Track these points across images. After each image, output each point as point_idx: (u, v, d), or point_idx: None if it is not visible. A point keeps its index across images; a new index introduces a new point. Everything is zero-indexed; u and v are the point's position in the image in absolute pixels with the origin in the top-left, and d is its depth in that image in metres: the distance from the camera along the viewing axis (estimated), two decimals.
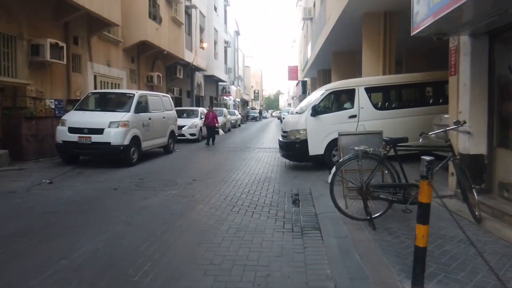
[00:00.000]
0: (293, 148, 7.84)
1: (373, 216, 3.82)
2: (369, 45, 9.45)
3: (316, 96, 8.09)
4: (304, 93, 33.57)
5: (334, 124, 7.64)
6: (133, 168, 8.44)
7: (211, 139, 14.23)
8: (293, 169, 8.23)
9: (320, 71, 21.38)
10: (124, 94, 10.06)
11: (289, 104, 66.36)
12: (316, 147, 7.65)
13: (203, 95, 28.50)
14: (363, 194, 3.83)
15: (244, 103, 52.05)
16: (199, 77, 26.91)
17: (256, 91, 68.75)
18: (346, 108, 7.77)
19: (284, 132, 8.30)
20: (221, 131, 14.83)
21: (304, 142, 7.66)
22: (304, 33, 28.34)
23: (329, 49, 15.15)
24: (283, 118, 32.45)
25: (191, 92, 25.22)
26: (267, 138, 17.84)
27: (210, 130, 14.25)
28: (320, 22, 15.40)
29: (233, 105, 37.88)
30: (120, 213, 4.79)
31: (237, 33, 42.80)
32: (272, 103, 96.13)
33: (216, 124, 14.36)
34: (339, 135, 4.99)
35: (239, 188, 6.32)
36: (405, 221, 3.99)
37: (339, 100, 7.99)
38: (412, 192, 3.69)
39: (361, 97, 7.61)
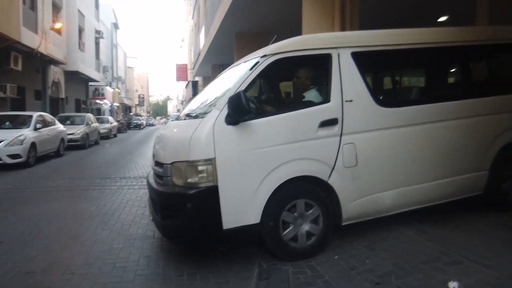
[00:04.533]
0: (180, 211, 2.70)
1: None
2: None
3: (239, 73, 3.10)
4: (195, 95, 28.44)
5: (285, 143, 2.83)
6: None
7: None
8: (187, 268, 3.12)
9: (216, 66, 16.45)
10: None
11: (178, 110, 58.89)
12: (241, 207, 2.71)
13: (63, 97, 20.43)
14: None
15: (127, 108, 43.41)
16: (56, 73, 18.92)
17: (142, 96, 59.53)
18: (311, 103, 3.03)
19: (158, 165, 3.15)
20: None
21: (209, 196, 2.64)
22: (195, 21, 23.24)
23: (230, 30, 10.47)
24: None
25: (42, 92, 17.41)
26: (146, 156, 11.50)
27: None
28: None
29: (110, 110, 29.99)
30: None
31: (116, 26, 34.79)
32: (160, 110, 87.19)
33: None
34: None
35: None
36: None
37: (296, 83, 3.31)
38: None
39: (346, 76, 2.98)
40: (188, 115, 3.26)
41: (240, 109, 2.59)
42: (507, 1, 5.13)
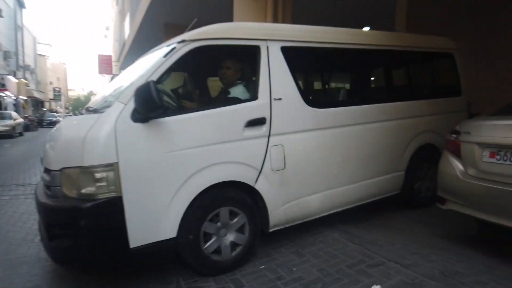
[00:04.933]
0: (72, 230, 2.13)
1: None
2: None
3: (153, 59, 2.61)
4: None
5: (207, 144, 2.47)
6: None
7: None
8: None
9: None
10: None
11: None
12: (153, 221, 2.27)
13: None
14: None
15: (38, 103, 38.23)
16: None
17: (58, 89, 52.97)
18: (237, 100, 2.69)
19: (47, 171, 2.50)
20: None
21: (111, 209, 2.14)
22: (119, 7, 21.35)
23: (158, 19, 9.70)
24: None
25: None
26: None
27: None
28: None
29: (14, 104, 25.99)
30: None
31: (21, 4, 30.23)
32: (82, 105, 79.25)
33: None
34: None
35: None
36: None
37: (220, 76, 2.95)
38: None
39: (275, 71, 2.75)
40: (89, 110, 2.69)
41: (150, 103, 2.15)
42: (421, 17, 5.54)
